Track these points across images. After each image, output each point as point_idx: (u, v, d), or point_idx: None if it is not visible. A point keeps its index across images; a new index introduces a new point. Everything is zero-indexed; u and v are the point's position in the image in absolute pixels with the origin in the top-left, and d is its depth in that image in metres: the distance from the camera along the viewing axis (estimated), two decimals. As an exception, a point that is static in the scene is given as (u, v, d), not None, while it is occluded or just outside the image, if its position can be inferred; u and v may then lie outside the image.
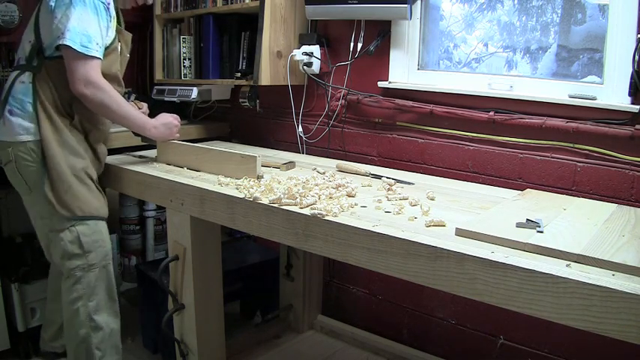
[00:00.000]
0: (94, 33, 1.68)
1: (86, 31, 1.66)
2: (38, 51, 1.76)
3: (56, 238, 1.82)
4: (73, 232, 1.80)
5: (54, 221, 1.80)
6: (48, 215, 1.80)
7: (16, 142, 1.75)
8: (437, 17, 2.21)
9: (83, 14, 1.66)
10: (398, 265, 1.20)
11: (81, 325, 1.85)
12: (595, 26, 1.83)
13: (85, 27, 1.66)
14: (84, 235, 1.82)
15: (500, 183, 1.91)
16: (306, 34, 2.34)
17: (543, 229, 1.20)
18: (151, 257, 2.90)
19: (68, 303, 1.86)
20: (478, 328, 2.07)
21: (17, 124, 1.75)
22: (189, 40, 2.60)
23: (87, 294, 1.84)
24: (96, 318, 1.86)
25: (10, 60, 2.48)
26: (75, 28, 1.64)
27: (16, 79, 1.78)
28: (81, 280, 1.83)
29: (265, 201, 1.46)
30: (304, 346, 2.30)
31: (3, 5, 2.38)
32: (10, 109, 1.77)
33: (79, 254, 1.82)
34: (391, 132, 2.22)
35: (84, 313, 1.85)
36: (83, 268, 1.83)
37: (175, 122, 2.00)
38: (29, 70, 1.77)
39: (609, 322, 0.94)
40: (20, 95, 1.76)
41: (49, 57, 1.75)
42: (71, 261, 1.82)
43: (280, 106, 2.53)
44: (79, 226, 1.81)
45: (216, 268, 1.89)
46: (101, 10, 1.72)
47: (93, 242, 1.84)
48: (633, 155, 1.65)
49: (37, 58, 1.76)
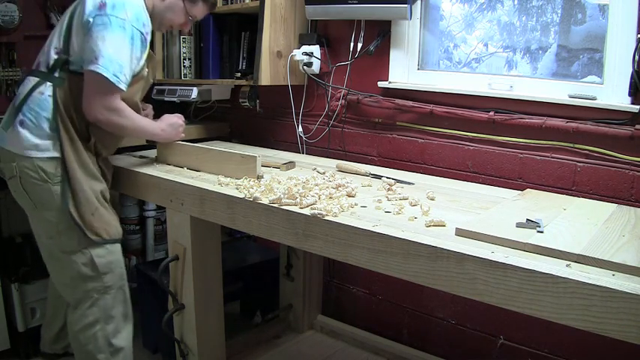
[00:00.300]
0: (125, 63, 1.62)
1: (120, 60, 1.60)
2: (64, 62, 1.67)
3: (67, 259, 1.73)
4: (86, 254, 1.72)
5: (63, 242, 1.72)
6: (56, 235, 1.72)
7: (22, 156, 1.66)
8: (437, 17, 2.21)
9: (120, 41, 1.60)
10: (398, 265, 1.20)
11: (99, 351, 1.78)
12: (595, 26, 1.83)
13: (119, 56, 1.60)
14: (98, 257, 1.74)
15: (500, 183, 1.91)
16: (306, 34, 2.34)
17: (543, 229, 1.20)
18: (151, 257, 2.90)
19: (82, 328, 1.77)
20: (478, 328, 2.07)
21: (25, 139, 1.66)
22: (189, 40, 2.60)
23: (104, 317, 1.77)
24: (115, 342, 1.80)
25: (10, 60, 2.49)
26: (110, 56, 1.58)
27: (35, 89, 1.67)
28: (97, 303, 1.76)
29: (265, 201, 1.46)
30: (304, 346, 2.30)
31: (3, 5, 2.38)
32: (23, 119, 1.67)
33: (94, 276, 1.74)
34: (391, 132, 2.22)
35: (102, 338, 1.77)
36: (99, 291, 1.76)
37: (180, 122, 1.96)
38: (50, 80, 1.67)
39: (609, 322, 0.94)
40: (37, 108, 1.66)
41: (74, 72, 1.67)
42: (85, 283, 1.74)
43: (280, 106, 2.53)
44: (93, 249, 1.73)
45: (216, 268, 1.89)
46: (137, 41, 1.65)
47: (108, 263, 1.76)
48: (633, 155, 1.65)
49: (62, 70, 1.67)
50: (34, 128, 1.67)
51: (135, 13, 1.65)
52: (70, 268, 1.74)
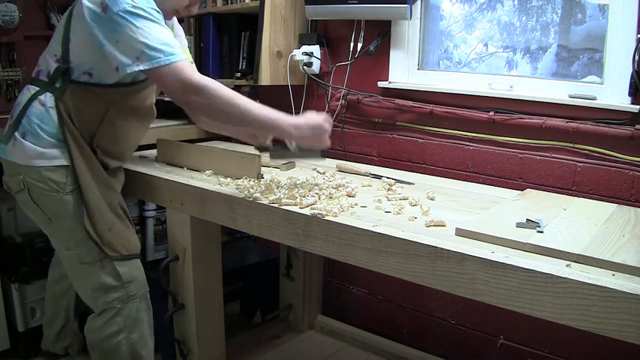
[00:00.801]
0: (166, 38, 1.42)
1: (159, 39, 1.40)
2: (64, 72, 1.55)
3: (88, 269, 1.64)
4: (108, 264, 1.64)
5: (82, 252, 1.63)
6: (75, 246, 1.63)
7: (29, 166, 1.56)
8: (437, 17, 2.21)
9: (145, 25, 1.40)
10: (398, 265, 1.19)
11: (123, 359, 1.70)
12: (595, 26, 1.83)
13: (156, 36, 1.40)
14: (121, 266, 1.66)
15: (500, 183, 1.91)
16: (306, 34, 2.34)
17: (543, 229, 1.20)
18: (151, 257, 2.90)
19: (104, 338, 1.68)
20: (478, 328, 2.08)
21: (30, 148, 1.56)
22: (189, 40, 2.60)
23: (129, 326, 1.69)
24: (142, 352, 1.72)
25: (10, 60, 2.49)
26: (147, 44, 1.39)
27: (34, 99, 1.58)
28: (121, 313, 1.67)
29: (265, 201, 1.46)
30: (304, 346, 2.30)
31: (3, 5, 2.38)
32: (24, 132, 1.57)
33: (117, 286, 1.66)
34: (391, 132, 2.22)
35: (126, 347, 1.69)
36: (122, 300, 1.67)
37: (327, 126, 1.47)
38: (50, 91, 1.57)
39: (609, 322, 0.94)
40: (37, 120, 1.56)
41: (74, 81, 1.56)
42: (109, 294, 1.66)
43: (280, 106, 2.50)
44: (115, 260, 1.65)
45: (216, 268, 1.89)
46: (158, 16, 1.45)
47: (130, 272, 1.69)
48: (633, 155, 1.65)
49: (62, 80, 1.56)
50: (36, 140, 1.57)
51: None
52: (92, 279, 1.65)
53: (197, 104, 1.44)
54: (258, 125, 1.50)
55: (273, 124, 1.47)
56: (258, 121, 1.46)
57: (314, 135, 1.46)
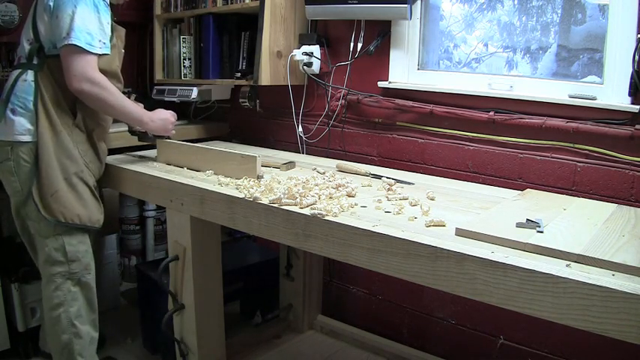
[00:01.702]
0: (96, 30, 1.70)
1: (89, 29, 1.68)
2: (38, 49, 1.76)
3: (41, 242, 1.82)
4: (58, 240, 1.80)
5: (41, 226, 1.79)
6: (36, 219, 1.78)
7: (17, 142, 1.74)
8: (437, 17, 2.21)
9: (85, 13, 1.68)
10: (398, 265, 1.20)
11: (63, 331, 1.84)
12: (595, 26, 1.83)
13: (87, 25, 1.68)
14: (69, 244, 1.81)
15: (500, 183, 1.91)
16: (306, 34, 2.34)
17: (543, 229, 1.20)
18: (151, 257, 2.91)
19: (49, 309, 1.85)
20: (478, 328, 2.08)
21: (19, 124, 1.74)
22: (189, 40, 2.61)
23: (67, 300, 1.84)
24: (77, 324, 1.86)
25: (10, 60, 2.48)
26: (79, 27, 1.66)
27: (18, 78, 1.77)
28: (61, 287, 1.83)
29: (265, 201, 1.46)
30: (304, 346, 2.30)
31: (3, 5, 2.38)
32: (13, 107, 1.75)
33: (62, 262, 1.82)
34: (391, 132, 2.22)
35: (65, 319, 1.84)
36: (63, 275, 1.83)
37: (172, 119, 2.02)
38: (31, 68, 1.76)
39: (609, 322, 0.94)
40: (23, 94, 1.75)
41: (49, 55, 1.75)
42: (54, 267, 1.82)
43: (280, 106, 2.53)
44: (65, 236, 1.80)
45: (216, 268, 1.89)
46: (102, 7, 1.73)
47: (76, 252, 1.83)
48: (633, 155, 1.65)
49: (38, 56, 1.76)
50: (25, 113, 1.75)
51: None
52: (43, 251, 1.82)
53: (89, 93, 1.71)
54: (129, 120, 1.94)
55: (138, 119, 1.92)
56: (130, 117, 1.91)
57: (164, 124, 2.00)
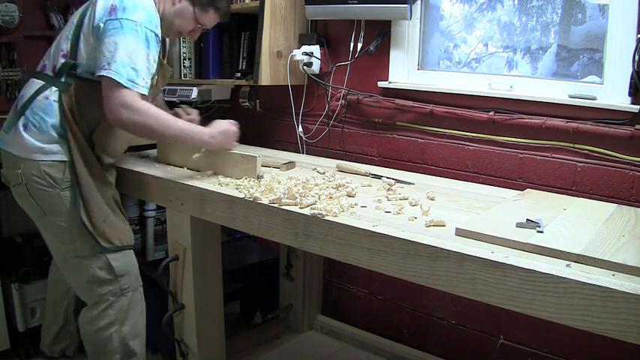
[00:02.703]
0: (142, 67, 1.56)
1: (135, 64, 1.54)
2: (71, 67, 1.63)
3: (82, 263, 1.71)
4: (101, 258, 1.71)
5: (77, 247, 1.69)
6: (70, 241, 1.69)
7: (28, 160, 1.63)
8: (437, 17, 2.21)
9: (134, 45, 1.54)
10: (398, 265, 1.20)
11: (115, 352, 1.78)
12: (595, 26, 1.83)
13: (134, 60, 1.53)
14: (114, 260, 1.73)
15: (500, 183, 1.91)
16: (306, 34, 2.34)
17: (543, 229, 1.20)
18: (151, 257, 2.90)
19: (97, 330, 1.76)
20: (478, 328, 2.07)
21: (30, 142, 1.62)
22: (189, 40, 2.60)
23: (120, 319, 1.77)
24: (132, 344, 1.79)
25: (10, 60, 2.49)
26: (123, 60, 1.51)
27: (39, 92, 1.64)
28: (113, 306, 1.75)
29: (265, 201, 1.46)
30: (304, 346, 2.30)
31: (3, 5, 2.38)
32: (26, 123, 1.63)
33: (111, 279, 1.73)
34: (391, 132, 2.22)
35: (117, 339, 1.77)
36: (115, 293, 1.75)
37: (234, 129, 1.76)
38: (56, 85, 1.64)
39: (609, 322, 0.94)
40: (41, 112, 1.63)
41: (81, 77, 1.64)
42: (102, 287, 1.73)
43: (280, 106, 2.53)
44: (109, 253, 1.72)
45: (216, 268, 1.89)
46: (152, 42, 1.59)
47: (124, 266, 1.76)
48: (633, 155, 1.65)
49: (68, 75, 1.64)
50: (38, 133, 1.63)
51: (147, 14, 1.59)
52: (86, 272, 1.72)
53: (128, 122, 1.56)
54: (186, 142, 1.75)
55: (195, 139, 1.71)
56: (186, 138, 1.70)
57: (226, 137, 1.74)
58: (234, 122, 1.78)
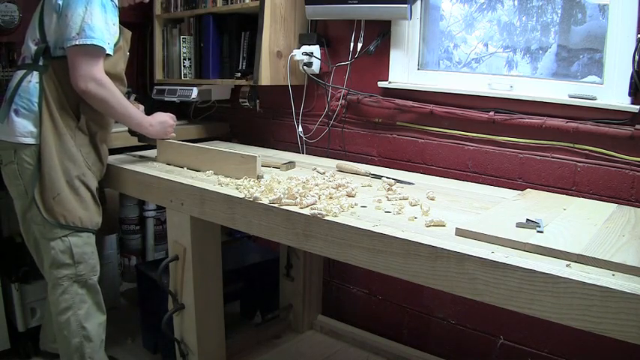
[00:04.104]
0: (103, 30, 1.69)
1: (98, 28, 1.67)
2: (44, 50, 1.74)
3: (47, 246, 1.80)
4: (65, 242, 1.79)
5: (47, 228, 1.78)
6: (41, 222, 1.77)
7: (20, 144, 1.73)
8: (437, 17, 2.21)
9: (93, 12, 1.67)
10: (398, 265, 1.20)
11: (73, 335, 1.84)
12: (595, 26, 1.83)
13: (96, 24, 1.67)
14: (76, 246, 1.81)
15: (500, 183, 1.91)
16: (306, 34, 2.34)
17: (543, 229, 1.20)
18: (151, 257, 2.91)
19: (58, 314, 1.84)
20: (478, 328, 2.08)
21: (22, 126, 1.73)
22: (189, 40, 2.60)
23: (75, 303, 1.83)
24: (87, 326, 1.86)
25: (10, 60, 2.48)
26: (90, 27, 1.65)
27: (23, 79, 1.75)
28: (68, 290, 1.82)
29: (265, 201, 1.46)
30: (304, 346, 2.30)
31: (3, 5, 2.38)
32: (16, 108, 1.74)
33: (69, 264, 1.81)
34: (391, 132, 2.22)
35: (75, 322, 1.84)
36: (70, 278, 1.82)
37: (171, 122, 2.02)
38: (36, 69, 1.75)
39: (609, 322, 0.94)
40: (27, 95, 1.74)
41: (55, 57, 1.74)
42: (59, 270, 1.81)
43: (280, 106, 2.53)
44: (72, 237, 1.80)
45: (216, 268, 1.89)
46: (108, 7, 1.72)
47: (83, 254, 1.83)
48: (633, 155, 1.65)
49: (44, 57, 1.74)
50: (29, 115, 1.73)
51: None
52: (49, 254, 1.81)
53: (94, 94, 1.70)
54: (130, 124, 1.94)
55: (138, 122, 1.93)
56: (130, 121, 1.91)
57: (163, 128, 2.00)
58: (172, 115, 2.04)
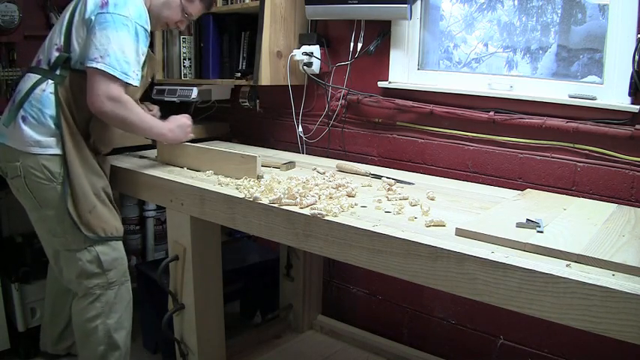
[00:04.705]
0: (133, 60, 1.64)
1: (127, 58, 1.62)
2: (65, 60, 1.69)
3: (72, 257, 1.76)
4: (92, 251, 1.76)
5: (69, 240, 1.74)
6: (62, 233, 1.74)
7: (26, 153, 1.67)
8: (437, 17, 2.21)
9: (126, 39, 1.61)
10: (398, 265, 1.20)
11: (99, 343, 1.82)
12: (595, 26, 1.83)
13: (126, 53, 1.61)
14: (103, 254, 1.78)
15: (500, 183, 1.91)
16: (306, 34, 2.34)
17: (543, 229, 1.20)
18: (151, 257, 2.90)
19: (84, 321, 1.81)
20: (478, 328, 2.07)
21: (28, 135, 1.66)
22: (189, 40, 2.60)
23: (106, 312, 1.81)
24: (115, 336, 1.84)
25: (9, 60, 2.49)
26: (115, 54, 1.59)
27: (36, 86, 1.69)
28: (100, 298, 1.80)
29: (265, 201, 1.46)
30: (304, 346, 2.30)
31: (3, 5, 2.38)
32: (25, 116, 1.67)
33: (99, 273, 1.78)
34: (391, 132, 2.22)
35: (102, 331, 1.81)
36: (102, 286, 1.80)
37: (188, 122, 1.95)
38: (52, 78, 1.69)
39: (609, 322, 0.94)
40: (39, 105, 1.67)
41: (75, 69, 1.69)
42: (90, 280, 1.78)
43: (280, 106, 2.53)
44: (98, 247, 1.77)
45: (216, 268, 1.89)
46: (142, 36, 1.67)
47: (113, 261, 1.80)
48: (633, 155, 1.65)
49: (62, 67, 1.69)
50: (36, 125, 1.67)
51: (137, 9, 1.67)
52: (76, 265, 1.76)
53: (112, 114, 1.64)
54: (152, 135, 1.89)
55: (159, 133, 1.85)
56: (152, 134, 1.85)
57: (182, 131, 1.91)
58: (187, 116, 1.96)
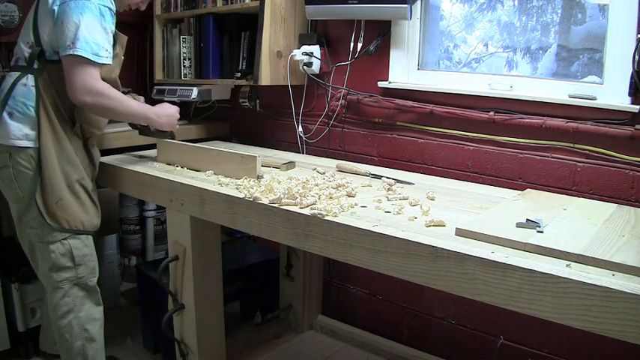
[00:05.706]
0: (102, 40, 1.66)
1: (95, 39, 1.64)
2: (39, 53, 1.72)
3: (46, 249, 1.78)
4: (65, 244, 1.78)
5: (45, 232, 1.76)
6: (38, 226, 1.76)
7: (15, 147, 1.71)
8: (437, 17, 2.21)
9: (91, 21, 1.63)
10: (398, 265, 1.20)
11: (76, 338, 1.84)
12: (595, 26, 1.83)
13: (94, 35, 1.64)
14: (76, 248, 1.80)
15: (500, 183, 1.91)
16: (306, 34, 2.34)
17: (543, 229, 1.20)
18: (151, 257, 2.91)
19: (58, 317, 1.84)
20: (478, 328, 2.08)
21: (17, 129, 1.71)
22: (189, 40, 2.60)
23: (76, 306, 1.83)
24: (89, 328, 1.86)
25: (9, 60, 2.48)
26: (85, 37, 1.61)
27: (17, 81, 1.73)
28: (69, 293, 1.82)
29: (265, 201, 1.46)
30: (304, 346, 2.30)
31: (3, 5, 2.38)
32: (11, 111, 1.72)
33: (70, 267, 1.81)
34: (391, 132, 2.22)
35: (77, 325, 1.84)
36: (71, 281, 1.82)
37: (177, 114, 1.99)
38: (31, 72, 1.73)
39: (609, 322, 0.94)
40: (22, 98, 1.72)
41: (51, 60, 1.72)
42: (59, 273, 1.80)
43: (280, 106, 2.53)
44: (72, 240, 1.79)
45: (216, 268, 1.89)
46: (107, 15, 1.69)
47: (83, 256, 1.83)
48: (633, 155, 1.65)
49: (39, 60, 1.73)
50: (23, 118, 1.71)
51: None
52: (49, 257, 1.79)
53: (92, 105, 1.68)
54: (136, 119, 1.93)
55: (144, 116, 1.89)
56: (136, 117, 1.89)
57: (169, 119, 1.95)
58: (177, 108, 2.00)
